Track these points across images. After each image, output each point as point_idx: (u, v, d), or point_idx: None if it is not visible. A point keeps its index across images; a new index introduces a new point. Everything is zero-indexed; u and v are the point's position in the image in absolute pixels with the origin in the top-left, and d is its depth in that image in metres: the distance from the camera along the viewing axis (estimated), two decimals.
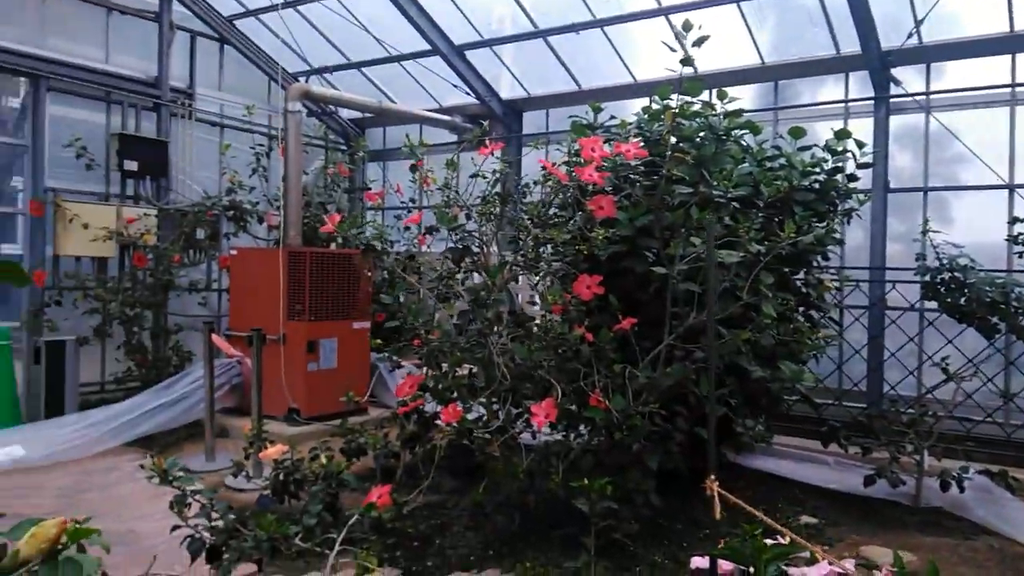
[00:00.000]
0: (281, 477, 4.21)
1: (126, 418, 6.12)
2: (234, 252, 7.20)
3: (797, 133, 4.98)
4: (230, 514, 2.72)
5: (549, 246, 4.43)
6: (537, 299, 4.10)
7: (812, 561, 1.97)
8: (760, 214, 4.29)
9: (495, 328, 3.95)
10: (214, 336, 5.89)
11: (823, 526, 4.50)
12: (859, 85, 6.83)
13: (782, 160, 4.97)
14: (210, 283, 8.35)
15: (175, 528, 2.67)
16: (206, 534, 2.77)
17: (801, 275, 5.10)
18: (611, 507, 2.82)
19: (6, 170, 7.17)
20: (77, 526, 1.05)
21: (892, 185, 6.59)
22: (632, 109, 5.20)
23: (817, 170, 4.93)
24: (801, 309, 5.11)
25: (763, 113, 7.15)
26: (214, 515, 2.73)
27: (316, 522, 2.81)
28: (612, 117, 5.11)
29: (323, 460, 3.46)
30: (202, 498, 2.66)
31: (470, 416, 3.96)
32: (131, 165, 7.54)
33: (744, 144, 5.06)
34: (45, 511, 4.38)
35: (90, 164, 7.23)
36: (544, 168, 4.23)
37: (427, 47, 8.27)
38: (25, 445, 5.46)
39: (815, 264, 5.15)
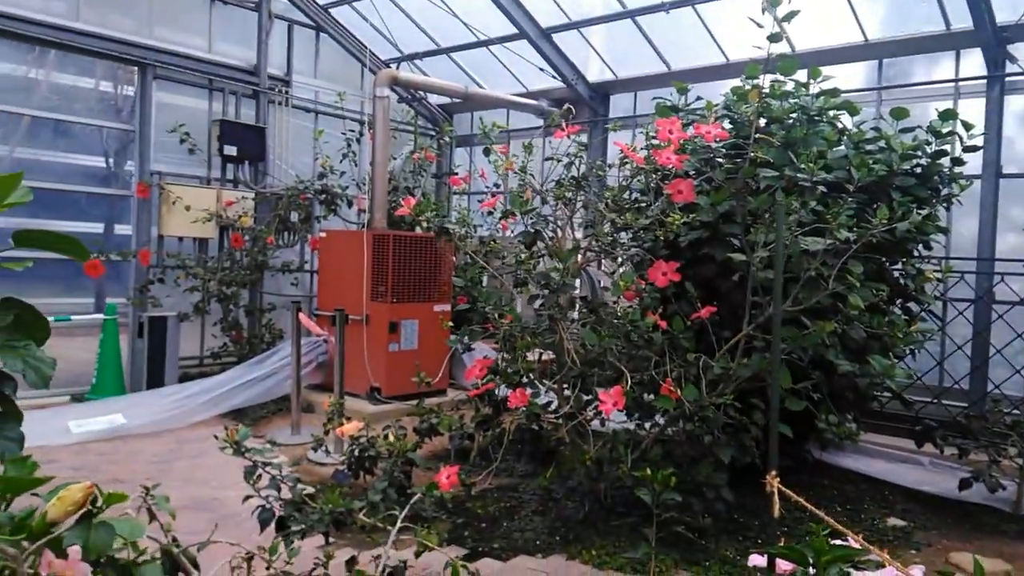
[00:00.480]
0: (356, 453, 4.33)
1: (221, 391, 6.44)
2: (323, 234, 7.43)
3: (900, 114, 4.69)
4: (298, 487, 2.81)
5: (628, 232, 4.35)
6: (610, 285, 4.03)
7: (881, 565, 1.86)
8: (852, 200, 4.07)
9: (566, 313, 3.91)
10: (301, 315, 6.11)
11: (912, 529, 4.26)
12: (972, 63, 6.36)
13: (882, 143, 4.70)
14: (302, 264, 8.65)
15: (247, 498, 2.78)
16: (277, 504, 2.87)
17: (900, 265, 4.82)
18: (674, 499, 2.74)
19: (121, 155, 7.61)
20: (111, 492, 1.09)
21: (1009, 170, 6.12)
22: (725, 90, 5.01)
23: (919, 153, 4.64)
24: (899, 301, 4.83)
25: (865, 94, 6.77)
26: (284, 487, 2.82)
27: (381, 498, 2.87)
28: (698, 98, 4.95)
29: (391, 438, 3.52)
30: (272, 470, 2.75)
31: (540, 401, 3.95)
32: (230, 150, 7.87)
33: (840, 126, 4.82)
34: (138, 476, 4.66)
35: (192, 149, 7.60)
36: (622, 151, 4.14)
37: (514, 31, 8.25)
38: (126, 414, 5.83)
39: (916, 254, 4.85)
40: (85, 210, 7.38)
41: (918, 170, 4.63)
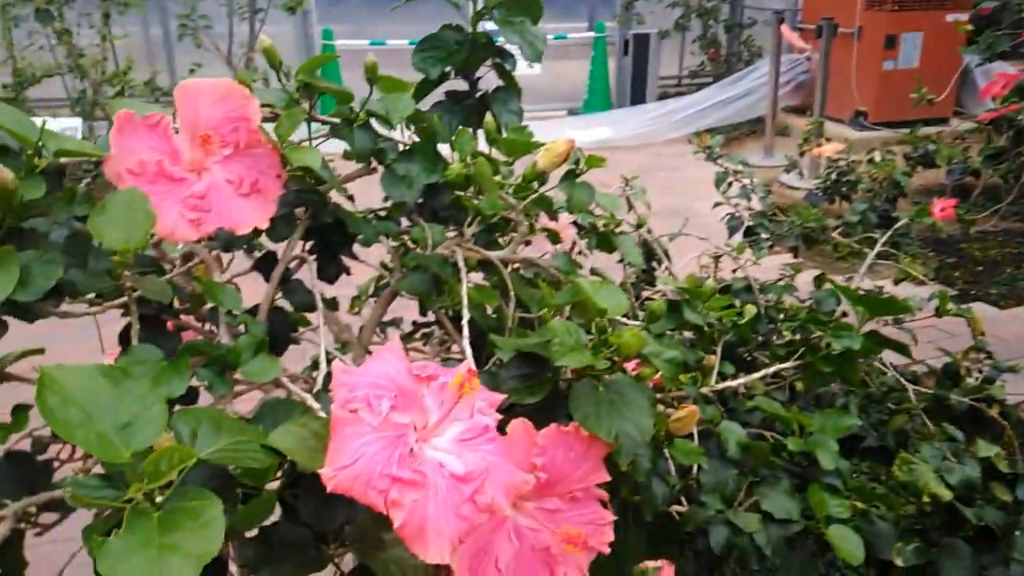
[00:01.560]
0: (834, 176, 4.05)
1: (695, 109, 6.54)
2: None
3: None
4: (768, 199, 2.74)
5: None
6: None
7: None
8: None
9: None
10: (784, 28, 5.64)
11: None
12: None
13: None
14: None
15: (716, 204, 2.81)
16: (746, 215, 2.86)
17: None
18: None
19: None
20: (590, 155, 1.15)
21: None
22: None
23: None
24: None
25: None
26: (754, 199, 2.78)
27: (858, 220, 2.64)
28: None
29: (876, 158, 3.16)
30: (743, 179, 2.71)
31: None
32: None
33: None
34: (621, 182, 5.10)
35: None
36: None
37: None
38: (612, 127, 6.32)
39: None
40: None
41: None
